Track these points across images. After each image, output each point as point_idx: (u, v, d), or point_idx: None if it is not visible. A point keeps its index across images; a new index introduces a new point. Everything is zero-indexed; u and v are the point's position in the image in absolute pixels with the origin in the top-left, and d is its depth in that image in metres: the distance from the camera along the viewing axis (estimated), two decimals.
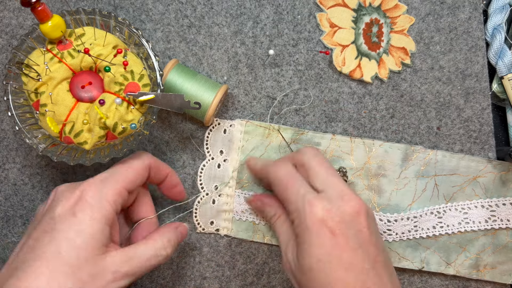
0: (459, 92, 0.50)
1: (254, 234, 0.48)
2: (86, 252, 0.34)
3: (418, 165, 0.49)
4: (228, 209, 0.49)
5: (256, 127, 0.49)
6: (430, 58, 0.51)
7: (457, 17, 0.51)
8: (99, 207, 0.36)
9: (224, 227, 0.49)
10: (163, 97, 0.40)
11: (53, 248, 0.34)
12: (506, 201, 0.49)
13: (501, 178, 0.49)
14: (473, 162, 0.49)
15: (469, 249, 0.49)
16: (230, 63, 0.50)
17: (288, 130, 0.49)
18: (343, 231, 0.36)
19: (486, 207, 0.49)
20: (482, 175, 0.49)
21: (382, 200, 0.49)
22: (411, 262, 0.48)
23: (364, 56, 0.50)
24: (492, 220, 0.49)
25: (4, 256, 0.49)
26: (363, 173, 0.49)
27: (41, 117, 0.40)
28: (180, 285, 0.49)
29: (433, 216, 0.49)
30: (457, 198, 0.49)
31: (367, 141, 0.49)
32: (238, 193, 0.49)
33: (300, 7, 0.50)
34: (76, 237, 0.34)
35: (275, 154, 0.49)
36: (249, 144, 0.49)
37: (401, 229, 0.48)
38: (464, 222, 0.49)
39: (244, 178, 0.49)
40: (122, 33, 0.43)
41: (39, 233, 0.35)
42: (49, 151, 0.41)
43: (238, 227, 0.49)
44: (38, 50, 0.40)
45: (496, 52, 0.50)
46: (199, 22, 0.50)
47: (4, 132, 0.50)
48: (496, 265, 0.49)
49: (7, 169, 0.49)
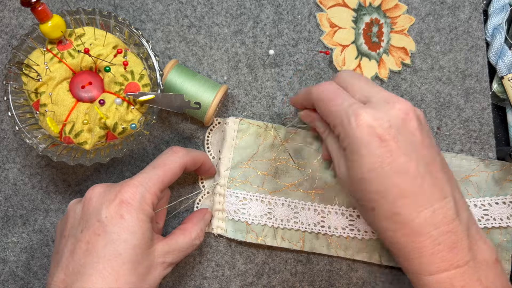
0: (459, 92, 0.50)
1: (247, 235, 0.48)
2: (141, 249, 0.37)
3: None
4: (221, 209, 0.49)
5: (250, 126, 0.49)
6: (430, 58, 0.51)
7: (457, 17, 0.51)
8: (142, 209, 0.38)
9: (218, 226, 0.49)
10: (163, 97, 0.40)
11: (112, 250, 0.36)
12: (499, 200, 0.49)
13: (494, 177, 0.49)
14: (465, 161, 0.49)
15: None
16: (230, 63, 0.50)
17: (282, 129, 0.49)
18: (394, 136, 0.34)
19: (479, 206, 0.49)
20: (475, 174, 0.49)
21: None
22: None
23: (364, 56, 0.50)
24: (485, 219, 0.49)
25: (4, 256, 0.49)
26: None
27: (41, 117, 0.40)
28: (180, 285, 0.49)
29: None
30: None
31: None
32: (230, 192, 0.49)
33: (300, 7, 0.50)
34: (131, 237, 0.37)
35: (268, 153, 0.49)
36: (242, 142, 0.49)
37: None
38: None
39: (237, 177, 0.49)
40: (122, 33, 0.43)
41: (91, 236, 0.37)
42: (49, 151, 0.41)
43: (231, 227, 0.48)
44: (38, 50, 0.40)
45: (496, 52, 0.50)
46: (199, 22, 0.50)
47: (4, 132, 0.50)
48: None
49: (7, 169, 0.49)
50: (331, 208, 0.48)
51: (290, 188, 0.49)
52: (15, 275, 0.49)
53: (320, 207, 0.48)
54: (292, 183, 0.49)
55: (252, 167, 0.48)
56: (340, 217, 0.48)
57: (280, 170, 0.48)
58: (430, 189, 0.34)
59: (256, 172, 0.48)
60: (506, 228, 0.49)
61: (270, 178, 0.48)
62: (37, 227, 0.49)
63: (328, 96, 0.38)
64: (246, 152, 0.48)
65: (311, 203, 0.48)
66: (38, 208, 0.49)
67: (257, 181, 0.48)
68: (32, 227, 0.49)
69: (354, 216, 0.48)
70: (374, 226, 0.37)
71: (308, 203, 0.48)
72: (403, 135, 0.35)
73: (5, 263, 0.49)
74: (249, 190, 0.48)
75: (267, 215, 0.48)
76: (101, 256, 0.36)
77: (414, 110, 0.36)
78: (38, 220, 0.49)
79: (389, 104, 0.36)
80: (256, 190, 0.48)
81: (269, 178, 0.48)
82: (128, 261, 0.36)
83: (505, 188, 0.49)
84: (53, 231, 0.49)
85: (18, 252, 0.49)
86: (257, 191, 0.48)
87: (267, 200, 0.48)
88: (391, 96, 0.36)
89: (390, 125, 0.34)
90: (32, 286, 0.49)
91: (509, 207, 0.49)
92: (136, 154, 0.50)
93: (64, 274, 0.37)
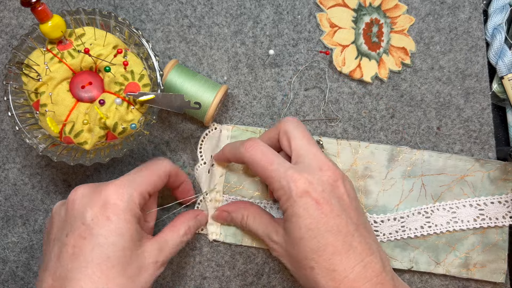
0: (459, 92, 0.50)
1: (242, 238, 0.48)
2: (130, 251, 0.37)
3: (405, 166, 0.49)
4: None
5: (243, 132, 0.49)
6: (430, 58, 0.51)
7: (457, 17, 0.51)
8: (129, 209, 0.38)
9: (213, 232, 0.48)
10: (163, 97, 0.40)
11: (100, 254, 0.36)
12: (495, 199, 0.49)
13: (489, 177, 0.49)
14: (460, 161, 0.49)
15: (458, 248, 0.49)
16: (230, 63, 0.50)
17: None
18: (327, 200, 0.38)
19: (474, 206, 0.49)
20: (470, 174, 0.49)
21: (369, 201, 0.48)
22: (399, 262, 0.48)
23: (364, 56, 0.50)
24: (481, 219, 0.49)
25: (4, 256, 0.49)
26: (350, 175, 0.48)
27: (41, 117, 0.40)
28: (180, 285, 0.49)
29: (421, 216, 0.49)
30: (445, 197, 0.49)
31: (353, 142, 0.49)
32: (226, 198, 0.48)
33: (300, 7, 0.50)
34: (118, 239, 0.37)
35: None
36: None
37: (388, 229, 0.48)
38: (453, 221, 0.49)
39: (232, 183, 0.48)
40: (122, 33, 0.43)
41: (77, 240, 0.36)
42: (49, 151, 0.41)
43: (226, 232, 0.48)
44: (38, 50, 0.40)
45: (496, 52, 0.50)
46: (199, 22, 0.50)
47: (4, 132, 0.50)
48: (486, 264, 0.49)
49: (7, 169, 0.49)
50: None
51: None
52: (15, 275, 0.49)
53: None
54: None
55: (247, 172, 0.48)
56: None
57: None
58: (360, 246, 0.38)
59: (252, 177, 0.48)
60: (501, 227, 0.49)
61: None
62: (37, 227, 0.49)
63: (262, 161, 0.41)
64: None
65: None
66: (38, 208, 0.49)
67: (252, 186, 0.48)
68: (32, 227, 0.49)
69: None
70: (314, 285, 0.38)
71: None
72: (334, 199, 0.39)
73: (5, 263, 0.49)
74: (244, 195, 0.48)
75: None
76: (89, 260, 0.36)
77: (342, 177, 0.40)
78: (38, 220, 0.49)
79: (321, 171, 0.39)
80: (252, 195, 0.48)
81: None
82: (117, 264, 0.36)
83: (501, 188, 0.49)
84: None
85: (18, 252, 0.49)
86: (253, 196, 0.48)
87: (263, 205, 0.48)
88: (324, 162, 0.40)
89: (323, 190, 0.38)
90: (32, 286, 0.49)
91: (505, 206, 0.49)
92: (136, 154, 0.50)
93: (52, 279, 0.36)
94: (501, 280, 0.49)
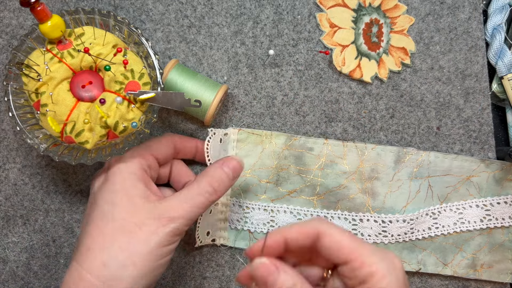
0: (459, 92, 0.50)
1: (250, 243, 0.48)
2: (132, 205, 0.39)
3: (411, 167, 0.49)
4: (223, 218, 0.48)
5: (249, 135, 0.49)
6: (430, 58, 0.51)
7: (457, 17, 0.51)
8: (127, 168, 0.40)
9: (220, 236, 0.48)
10: (163, 96, 0.40)
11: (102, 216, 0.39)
12: (501, 199, 0.49)
13: (494, 177, 0.49)
14: (466, 162, 0.49)
15: (465, 249, 0.49)
16: (230, 63, 0.50)
17: (281, 136, 0.48)
18: None
19: (480, 206, 0.49)
20: (476, 174, 0.49)
21: (376, 203, 0.48)
22: (407, 264, 0.48)
23: (364, 56, 0.50)
24: (488, 219, 0.49)
25: (4, 256, 0.49)
26: (357, 177, 0.48)
27: (42, 117, 0.40)
28: (180, 285, 0.49)
29: (428, 217, 0.49)
30: (451, 198, 0.49)
31: (359, 144, 0.49)
32: (233, 201, 0.48)
33: (300, 7, 0.51)
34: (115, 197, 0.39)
35: (268, 161, 0.48)
36: (242, 151, 0.48)
37: (396, 231, 0.48)
38: (460, 222, 0.49)
39: (238, 187, 0.48)
40: (122, 32, 0.43)
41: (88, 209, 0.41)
42: (51, 151, 0.41)
43: (234, 237, 0.48)
44: (38, 50, 0.40)
45: (496, 52, 0.50)
46: (199, 22, 0.50)
47: (4, 132, 0.50)
48: (493, 264, 0.49)
49: (8, 169, 0.49)
50: (333, 214, 0.48)
51: (292, 195, 0.49)
52: (15, 275, 0.49)
53: (323, 212, 0.48)
54: (294, 189, 0.49)
55: (253, 175, 0.48)
56: (343, 222, 0.48)
57: (281, 178, 0.48)
58: None
59: (258, 181, 0.48)
60: (508, 227, 0.49)
61: (272, 186, 0.48)
62: (38, 227, 0.49)
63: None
64: (247, 161, 0.48)
65: (313, 209, 0.48)
66: (39, 208, 0.49)
67: (259, 190, 0.48)
68: (32, 227, 0.49)
69: (357, 221, 0.48)
70: None
71: (310, 209, 0.48)
72: None
73: (5, 263, 0.49)
74: (251, 199, 0.48)
75: (270, 223, 0.48)
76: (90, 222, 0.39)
77: None
78: (38, 220, 0.49)
79: None
80: (258, 198, 0.48)
81: (270, 186, 0.48)
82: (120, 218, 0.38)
83: (506, 188, 0.49)
84: (53, 231, 0.49)
85: (18, 252, 0.49)
86: (259, 200, 0.48)
87: (270, 208, 0.48)
88: None
89: None
90: (33, 286, 0.49)
91: (511, 206, 0.49)
92: None
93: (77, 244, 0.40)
94: (509, 281, 0.49)
